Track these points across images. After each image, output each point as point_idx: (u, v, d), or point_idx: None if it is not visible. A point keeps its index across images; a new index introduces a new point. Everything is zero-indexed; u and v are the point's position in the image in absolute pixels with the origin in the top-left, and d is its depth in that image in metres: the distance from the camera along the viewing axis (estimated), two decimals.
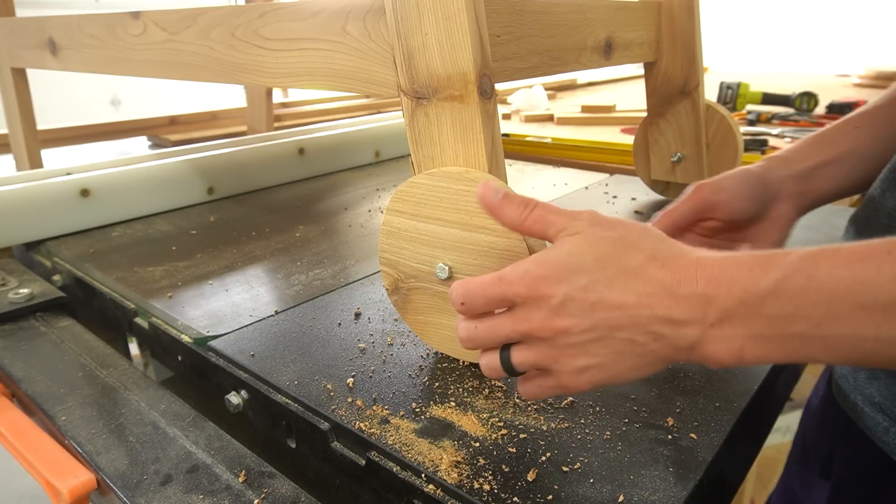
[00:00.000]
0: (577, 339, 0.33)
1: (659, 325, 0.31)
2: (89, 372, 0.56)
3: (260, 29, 0.57)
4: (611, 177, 1.07)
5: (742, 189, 0.52)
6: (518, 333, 0.34)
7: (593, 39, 0.63)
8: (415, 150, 0.48)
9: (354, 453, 0.42)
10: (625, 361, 0.33)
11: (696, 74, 0.78)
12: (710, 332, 0.31)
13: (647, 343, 0.32)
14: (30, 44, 0.91)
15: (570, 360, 0.33)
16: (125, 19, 0.72)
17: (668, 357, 0.32)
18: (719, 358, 0.31)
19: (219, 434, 0.47)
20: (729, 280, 0.30)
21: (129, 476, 0.43)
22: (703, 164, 0.82)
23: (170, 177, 0.94)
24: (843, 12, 3.12)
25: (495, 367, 0.36)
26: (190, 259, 0.74)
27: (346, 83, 0.52)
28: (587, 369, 0.33)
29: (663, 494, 0.36)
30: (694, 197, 0.52)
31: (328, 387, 0.47)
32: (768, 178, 0.53)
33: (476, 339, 0.36)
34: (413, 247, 0.48)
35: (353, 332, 0.55)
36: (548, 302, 0.33)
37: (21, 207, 0.80)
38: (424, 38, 0.44)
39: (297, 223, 0.87)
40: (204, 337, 0.55)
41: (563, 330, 0.33)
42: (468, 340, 0.36)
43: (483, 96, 0.44)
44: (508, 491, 0.36)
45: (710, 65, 2.30)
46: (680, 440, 0.40)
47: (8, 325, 0.64)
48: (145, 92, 3.15)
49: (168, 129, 1.51)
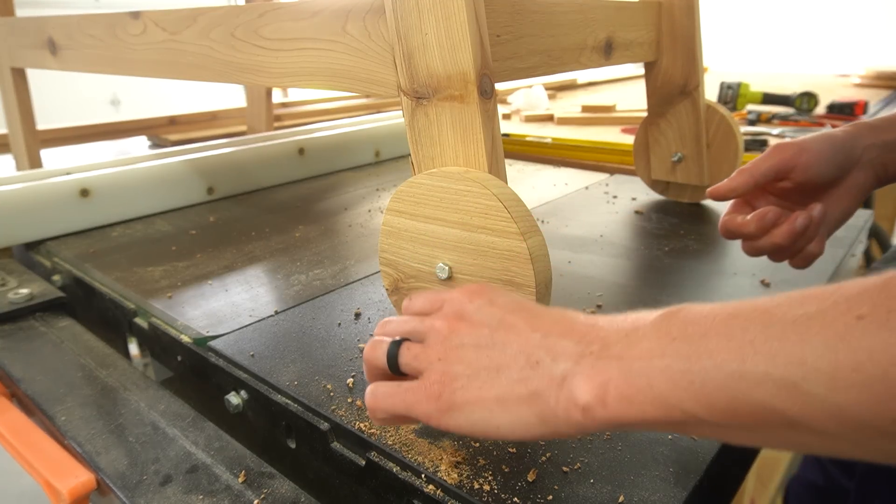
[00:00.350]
0: (466, 340, 0.31)
1: (542, 349, 0.29)
2: (89, 372, 0.56)
3: (260, 29, 0.57)
4: (611, 177, 1.07)
5: (825, 152, 0.51)
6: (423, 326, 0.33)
7: (593, 39, 0.63)
8: (415, 150, 0.48)
9: (354, 453, 0.42)
10: (496, 383, 0.29)
11: (697, 74, 0.78)
12: (582, 363, 0.28)
13: (524, 368, 0.29)
14: (30, 44, 0.91)
15: (446, 363, 0.31)
16: (125, 19, 0.72)
17: (540, 393, 0.28)
18: (583, 394, 0.27)
19: (218, 434, 0.47)
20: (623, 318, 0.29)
21: (128, 476, 0.43)
22: (703, 164, 0.82)
23: (170, 177, 0.94)
24: (843, 12, 3.12)
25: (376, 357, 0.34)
26: (190, 259, 0.74)
27: (346, 83, 0.52)
28: (457, 377, 0.30)
29: (663, 494, 0.36)
30: (776, 156, 0.51)
31: (328, 387, 0.47)
32: (852, 144, 0.52)
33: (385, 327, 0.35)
34: (413, 247, 0.48)
35: (353, 332, 0.55)
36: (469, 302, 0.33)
37: (21, 207, 0.80)
38: (424, 37, 0.44)
39: (297, 223, 0.87)
40: (204, 337, 0.55)
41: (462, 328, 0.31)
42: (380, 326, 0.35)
43: (483, 96, 0.44)
44: (508, 491, 0.36)
45: (710, 65, 2.30)
46: (680, 440, 0.40)
47: (8, 325, 0.64)
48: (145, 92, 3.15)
49: (168, 129, 1.51)
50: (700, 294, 0.60)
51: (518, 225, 0.41)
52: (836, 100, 1.42)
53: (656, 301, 0.59)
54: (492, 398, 0.29)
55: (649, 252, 0.71)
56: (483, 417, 0.29)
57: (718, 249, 0.71)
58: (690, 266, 0.67)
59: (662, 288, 0.62)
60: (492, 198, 0.42)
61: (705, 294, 0.60)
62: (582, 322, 0.30)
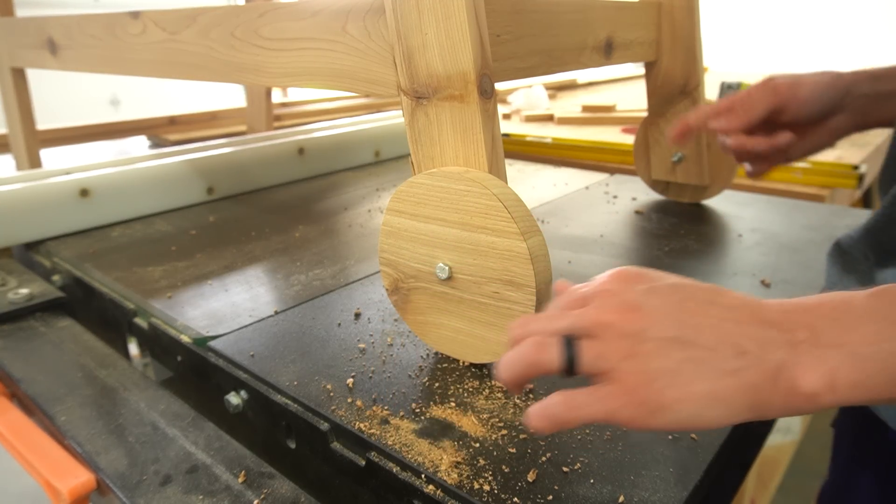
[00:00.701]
0: (655, 335, 0.28)
1: (744, 338, 0.28)
2: (89, 372, 0.56)
3: (259, 28, 0.57)
4: (611, 177, 1.06)
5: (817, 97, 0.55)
6: (587, 322, 0.30)
7: (594, 39, 0.63)
8: (415, 150, 0.48)
9: (354, 454, 0.42)
10: (703, 378, 0.28)
11: (697, 74, 0.78)
12: (797, 351, 0.27)
13: (729, 360, 0.28)
14: (29, 44, 0.91)
15: (641, 359, 0.28)
16: (125, 19, 0.72)
17: (753, 383, 0.27)
18: (809, 383, 0.27)
19: (218, 434, 0.47)
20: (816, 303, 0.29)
21: (128, 476, 0.43)
22: (703, 164, 0.82)
23: (169, 177, 0.94)
24: (842, 12, 3.12)
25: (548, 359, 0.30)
26: (189, 259, 0.74)
27: (346, 83, 0.52)
28: (658, 376, 0.28)
29: (663, 495, 0.36)
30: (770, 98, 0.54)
31: (328, 387, 0.47)
32: (848, 90, 0.55)
33: (528, 326, 0.31)
34: (413, 247, 0.48)
35: (352, 333, 0.55)
36: (622, 297, 0.30)
37: (21, 207, 0.80)
38: (424, 37, 0.44)
39: (297, 223, 0.87)
40: (203, 337, 0.55)
41: (642, 323, 0.29)
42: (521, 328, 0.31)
43: (483, 96, 0.44)
44: (508, 491, 0.36)
45: (710, 65, 2.30)
46: (680, 440, 0.40)
47: (7, 326, 0.64)
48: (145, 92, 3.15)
49: (168, 128, 1.51)
50: None
51: (518, 225, 0.41)
52: None
53: None
54: (702, 393, 0.28)
55: (649, 252, 0.71)
56: (692, 414, 0.28)
57: (718, 249, 0.71)
58: (690, 266, 0.67)
59: None
60: (492, 198, 0.42)
61: None
62: (767, 308, 0.29)
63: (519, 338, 0.31)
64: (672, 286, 0.30)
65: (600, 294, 0.31)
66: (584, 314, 0.30)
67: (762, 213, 0.84)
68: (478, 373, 0.48)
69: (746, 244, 0.73)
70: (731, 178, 0.83)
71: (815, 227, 0.78)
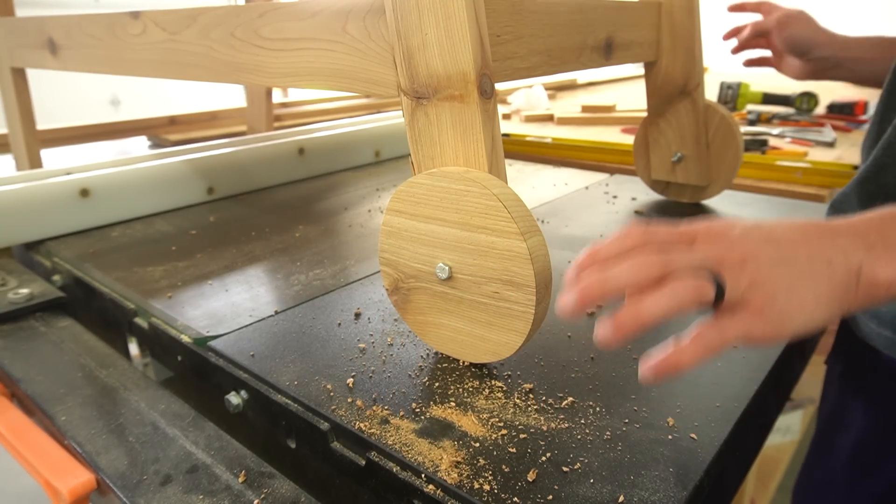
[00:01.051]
0: (765, 263, 0.35)
1: (829, 249, 0.35)
2: (89, 372, 0.56)
3: (260, 29, 0.57)
4: (611, 177, 1.07)
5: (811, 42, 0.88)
6: (712, 258, 0.36)
7: (593, 39, 0.63)
8: (415, 150, 0.48)
9: (354, 453, 0.42)
10: (808, 287, 0.35)
11: (697, 74, 0.78)
12: (873, 252, 0.35)
13: (823, 269, 0.35)
14: (30, 44, 0.91)
15: (763, 286, 0.35)
16: (125, 19, 0.72)
17: (843, 283, 0.35)
18: (886, 275, 0.34)
19: (219, 434, 0.47)
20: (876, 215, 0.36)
21: (128, 476, 0.43)
22: (703, 164, 0.82)
23: (170, 177, 0.94)
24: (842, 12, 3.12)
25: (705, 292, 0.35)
26: (190, 259, 0.74)
27: (346, 83, 0.52)
28: (777, 295, 0.35)
29: (663, 495, 0.36)
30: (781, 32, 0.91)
31: (328, 387, 0.47)
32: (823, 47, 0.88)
33: (670, 262, 0.36)
34: (413, 247, 0.48)
35: (353, 332, 0.55)
36: (728, 235, 0.37)
37: (21, 207, 0.80)
38: (424, 37, 0.44)
39: (297, 223, 0.87)
40: (204, 337, 0.55)
41: (752, 254, 0.35)
42: (662, 264, 0.35)
43: (483, 96, 0.44)
44: (508, 491, 0.36)
45: (710, 65, 2.29)
46: (680, 440, 0.40)
47: (8, 325, 0.64)
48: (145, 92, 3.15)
49: (168, 128, 1.51)
50: None
51: (518, 225, 0.41)
52: (835, 100, 1.42)
53: None
54: (811, 300, 0.35)
55: None
56: (805, 321, 0.35)
57: None
58: None
59: None
60: (492, 198, 0.42)
61: None
62: (836, 224, 0.37)
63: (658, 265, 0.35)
64: (755, 225, 0.38)
65: (704, 234, 0.37)
66: (710, 252, 0.36)
67: (762, 213, 0.84)
68: (478, 373, 0.48)
69: None
70: (731, 178, 0.83)
71: None
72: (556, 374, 0.48)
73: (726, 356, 0.49)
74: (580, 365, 0.49)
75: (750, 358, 0.49)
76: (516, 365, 0.49)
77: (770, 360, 0.49)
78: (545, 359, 0.50)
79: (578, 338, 0.53)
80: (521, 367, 0.49)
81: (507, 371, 0.48)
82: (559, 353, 0.51)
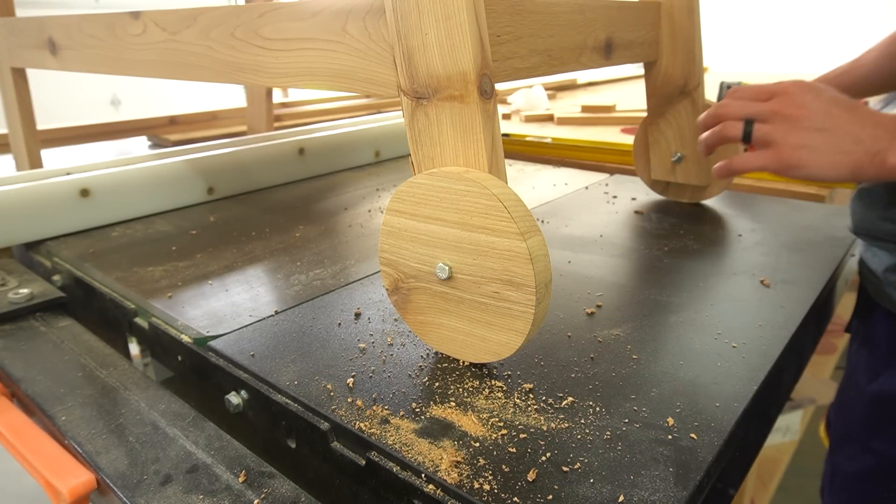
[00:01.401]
0: (809, 124, 0.51)
1: (863, 132, 0.50)
2: (89, 372, 0.56)
3: (260, 29, 0.57)
4: (611, 177, 1.07)
5: None
6: (768, 111, 0.54)
7: (593, 39, 0.63)
8: (415, 150, 0.48)
9: (354, 453, 0.42)
10: (831, 154, 0.50)
11: (697, 74, 0.78)
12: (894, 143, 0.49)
13: (851, 146, 0.50)
14: (30, 44, 0.91)
15: (795, 136, 0.52)
16: (125, 19, 0.72)
17: (861, 163, 0.50)
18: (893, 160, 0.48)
19: (219, 434, 0.47)
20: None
21: (128, 476, 0.43)
22: (703, 164, 0.82)
23: (170, 177, 0.94)
24: (842, 12, 3.12)
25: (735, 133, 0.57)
26: (190, 259, 0.74)
27: (346, 83, 0.52)
28: (804, 147, 0.51)
29: (663, 495, 0.36)
30: None
31: (328, 387, 0.47)
32: None
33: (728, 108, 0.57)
34: (413, 247, 0.48)
35: (353, 332, 0.55)
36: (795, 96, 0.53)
37: (21, 207, 0.80)
38: (424, 37, 0.44)
39: (297, 223, 0.87)
40: (204, 337, 0.55)
41: (804, 116, 0.52)
42: (722, 106, 0.58)
43: (483, 96, 0.44)
44: (508, 491, 0.36)
45: (710, 65, 2.30)
46: (680, 440, 0.40)
47: (8, 325, 0.64)
48: (145, 92, 3.15)
49: (168, 129, 1.51)
50: (700, 294, 0.60)
51: (518, 225, 0.41)
52: None
53: (656, 301, 0.59)
54: (824, 161, 0.51)
55: (649, 252, 0.71)
56: (814, 173, 0.52)
57: (718, 249, 0.71)
58: (690, 266, 0.67)
59: (662, 288, 0.62)
60: (492, 198, 0.42)
61: (705, 293, 0.60)
62: (884, 116, 0.50)
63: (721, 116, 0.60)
64: (832, 97, 0.53)
65: (781, 93, 0.55)
66: (766, 107, 0.55)
67: (762, 213, 0.84)
68: (478, 373, 0.48)
69: (746, 244, 0.73)
70: (731, 178, 0.83)
71: (814, 227, 0.78)
72: (556, 374, 0.48)
73: (726, 356, 0.49)
74: (580, 365, 0.49)
75: (750, 358, 0.49)
76: (516, 365, 0.49)
77: (770, 360, 0.49)
78: (545, 359, 0.50)
79: (578, 338, 0.53)
80: (521, 366, 0.49)
81: (507, 371, 0.48)
82: (559, 353, 0.51)
